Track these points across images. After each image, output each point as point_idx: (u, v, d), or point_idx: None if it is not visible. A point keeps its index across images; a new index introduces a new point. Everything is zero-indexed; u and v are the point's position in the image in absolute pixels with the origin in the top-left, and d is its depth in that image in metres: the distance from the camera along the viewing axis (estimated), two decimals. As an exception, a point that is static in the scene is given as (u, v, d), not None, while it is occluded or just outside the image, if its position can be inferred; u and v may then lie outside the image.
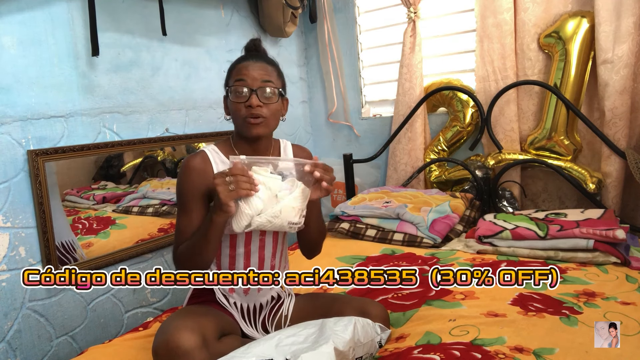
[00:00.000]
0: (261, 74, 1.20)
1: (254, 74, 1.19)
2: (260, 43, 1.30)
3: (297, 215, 1.13)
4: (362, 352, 1.12)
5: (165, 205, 2.13)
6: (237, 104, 1.19)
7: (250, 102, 1.17)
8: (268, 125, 1.22)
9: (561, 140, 2.16)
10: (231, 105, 1.21)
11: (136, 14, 2.00)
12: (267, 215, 1.09)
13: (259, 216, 1.09)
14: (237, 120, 1.22)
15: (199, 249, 1.14)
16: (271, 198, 1.10)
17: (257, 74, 1.19)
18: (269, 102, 1.20)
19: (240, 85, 1.19)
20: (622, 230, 1.62)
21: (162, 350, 1.02)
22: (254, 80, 1.18)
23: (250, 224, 1.09)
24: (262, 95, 1.19)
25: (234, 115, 1.22)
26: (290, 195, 1.11)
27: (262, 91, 1.19)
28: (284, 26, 2.56)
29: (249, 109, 1.18)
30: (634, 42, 1.92)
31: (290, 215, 1.12)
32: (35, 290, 1.68)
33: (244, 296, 1.28)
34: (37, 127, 1.68)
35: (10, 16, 1.61)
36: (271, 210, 1.09)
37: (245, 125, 1.20)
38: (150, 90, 2.06)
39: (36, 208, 1.67)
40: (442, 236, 1.98)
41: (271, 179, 1.10)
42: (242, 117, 1.19)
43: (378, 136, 2.80)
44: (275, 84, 1.22)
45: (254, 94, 1.18)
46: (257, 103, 1.18)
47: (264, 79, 1.19)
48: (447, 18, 2.51)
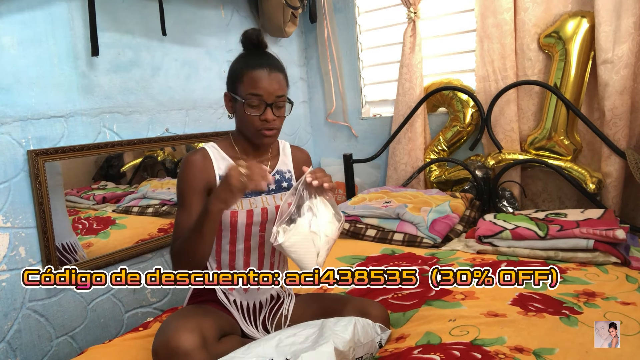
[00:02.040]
0: (276, 88, 1.20)
1: (269, 87, 1.19)
2: (261, 34, 1.25)
3: (335, 220, 1.17)
4: (362, 352, 1.12)
5: (166, 205, 2.13)
6: (252, 116, 1.20)
7: (265, 116, 1.19)
8: (278, 133, 1.25)
9: (561, 140, 2.16)
10: (244, 115, 1.21)
11: (136, 14, 2.00)
12: (323, 249, 1.13)
13: (319, 256, 1.12)
14: (248, 130, 1.23)
15: (193, 243, 1.13)
16: (314, 238, 1.12)
17: (272, 88, 1.19)
18: (281, 115, 1.23)
19: (255, 100, 1.19)
20: (622, 230, 1.62)
21: (162, 351, 1.02)
22: (269, 95, 1.19)
23: (318, 266, 1.13)
24: (277, 110, 1.21)
25: (245, 124, 1.23)
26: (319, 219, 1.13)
27: (277, 105, 1.21)
28: (284, 26, 2.56)
29: (263, 123, 1.20)
30: (634, 42, 1.92)
31: (334, 229, 1.15)
32: (35, 290, 1.68)
33: (243, 293, 1.29)
34: (37, 127, 1.68)
35: (10, 16, 1.61)
36: (321, 243, 1.12)
37: (258, 136, 1.22)
38: (150, 90, 2.06)
39: (36, 208, 1.67)
40: (442, 236, 1.98)
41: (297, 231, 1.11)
42: (255, 129, 1.21)
43: (378, 136, 2.80)
44: (286, 93, 1.24)
45: (269, 108, 1.19)
46: (272, 118, 1.20)
47: (278, 94, 1.20)
48: (447, 18, 2.51)
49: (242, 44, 1.26)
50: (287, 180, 1.33)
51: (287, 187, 1.32)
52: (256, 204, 1.24)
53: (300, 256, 1.10)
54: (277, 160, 1.33)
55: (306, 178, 1.13)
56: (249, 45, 1.26)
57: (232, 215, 1.22)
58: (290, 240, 1.09)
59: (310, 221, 1.12)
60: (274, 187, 1.29)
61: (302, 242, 1.10)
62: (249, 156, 1.28)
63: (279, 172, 1.32)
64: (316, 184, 1.12)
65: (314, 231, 1.11)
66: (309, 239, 1.11)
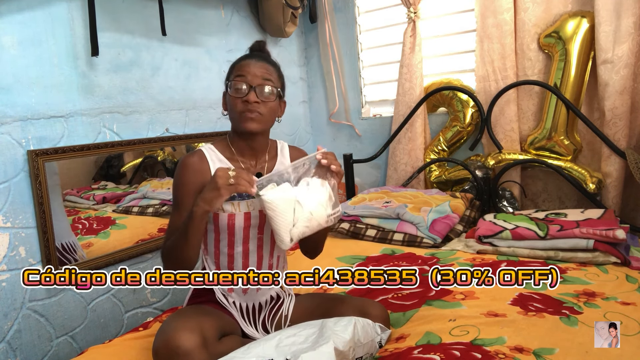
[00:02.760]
0: (262, 72, 1.21)
1: (254, 71, 1.20)
2: (265, 45, 1.31)
3: (329, 207, 1.15)
4: (362, 352, 1.12)
5: (165, 205, 2.13)
6: (235, 98, 1.20)
7: (247, 97, 1.19)
8: (263, 122, 1.22)
9: (561, 140, 2.16)
10: (229, 100, 1.22)
11: (136, 14, 2.00)
12: (301, 222, 1.11)
13: (295, 227, 1.11)
14: (233, 115, 1.23)
15: (179, 245, 1.14)
16: (296, 207, 1.11)
17: (258, 71, 1.20)
18: (266, 100, 1.21)
19: (240, 81, 1.20)
20: (622, 230, 1.62)
21: (163, 351, 1.02)
22: (254, 77, 1.20)
23: (291, 238, 1.11)
24: (261, 93, 1.20)
25: (230, 110, 1.23)
26: (311, 194, 1.12)
27: (261, 89, 1.20)
28: (284, 26, 2.56)
29: (245, 104, 1.19)
30: (634, 42, 1.92)
31: (321, 212, 1.13)
32: (35, 290, 1.68)
33: (242, 295, 1.29)
34: (37, 127, 1.68)
35: (10, 16, 1.61)
36: (302, 216, 1.11)
37: (240, 119, 1.21)
38: (150, 90, 2.06)
39: (36, 208, 1.67)
40: (442, 236, 1.98)
41: (283, 190, 1.11)
42: (238, 112, 1.20)
43: (378, 136, 2.80)
44: (275, 84, 1.23)
45: (252, 90, 1.19)
46: (254, 99, 1.19)
47: (264, 76, 1.21)
48: (447, 18, 2.51)
49: None
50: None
51: None
52: (254, 206, 1.24)
53: (276, 216, 1.09)
54: (275, 161, 1.32)
55: (316, 155, 1.13)
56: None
57: (230, 218, 1.21)
58: (270, 195, 1.09)
59: (300, 192, 1.11)
60: None
61: (282, 204, 1.09)
62: (245, 157, 1.28)
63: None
64: (325, 163, 1.13)
65: (299, 201, 1.10)
66: (290, 204, 1.10)
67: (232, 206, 1.22)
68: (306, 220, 1.11)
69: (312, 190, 1.12)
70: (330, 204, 1.15)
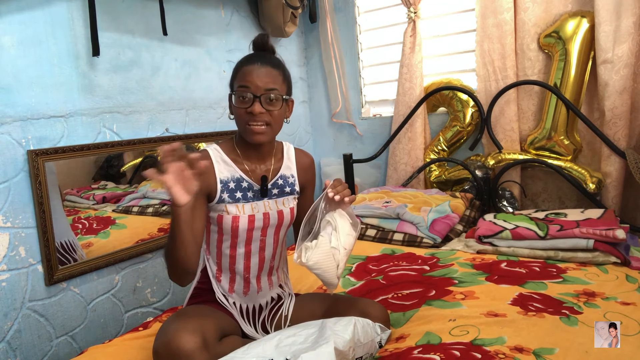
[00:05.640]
0: (265, 81, 1.17)
1: (257, 81, 1.16)
2: (269, 40, 1.26)
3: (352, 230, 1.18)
4: (362, 352, 1.12)
5: (166, 205, 2.13)
6: (240, 109, 1.18)
7: (252, 109, 1.16)
8: (269, 132, 1.20)
9: (561, 140, 2.16)
10: (234, 109, 1.20)
11: (136, 14, 2.00)
12: (342, 261, 1.14)
13: (338, 268, 1.13)
14: (239, 124, 1.21)
15: (169, 246, 1.11)
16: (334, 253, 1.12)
17: (261, 81, 1.16)
18: (272, 109, 1.18)
19: (244, 91, 1.17)
20: (622, 230, 1.62)
21: (163, 352, 1.02)
22: (257, 88, 1.16)
23: (338, 277, 1.15)
24: (266, 102, 1.17)
25: (237, 119, 1.21)
26: (339, 233, 1.14)
27: (266, 98, 1.17)
28: (284, 26, 2.56)
29: (250, 115, 1.17)
30: (634, 42, 1.92)
31: (351, 240, 1.16)
32: (35, 290, 1.68)
33: (243, 297, 1.28)
34: (37, 127, 1.68)
35: (10, 16, 1.61)
36: (341, 256, 1.13)
37: (247, 132, 1.19)
38: (150, 90, 2.06)
39: (36, 208, 1.66)
40: (442, 236, 1.98)
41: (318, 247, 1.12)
42: (244, 123, 1.18)
43: (378, 136, 2.80)
44: (280, 89, 1.19)
45: (257, 100, 1.16)
46: (259, 110, 1.16)
47: (268, 87, 1.17)
48: (447, 18, 2.51)
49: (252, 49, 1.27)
50: (290, 185, 1.30)
51: (289, 192, 1.30)
52: (258, 209, 1.24)
53: (323, 272, 1.12)
54: (281, 164, 1.31)
55: (327, 193, 1.14)
56: (256, 49, 1.27)
57: (234, 220, 1.21)
58: (313, 259, 1.11)
59: (330, 236, 1.13)
60: (276, 192, 1.28)
61: (325, 260, 1.12)
62: (251, 159, 1.26)
63: (282, 177, 1.29)
64: (338, 199, 1.13)
65: (334, 246, 1.12)
66: (330, 255, 1.12)
67: (237, 208, 1.21)
68: (344, 256, 1.14)
69: (338, 227, 1.14)
70: (353, 227, 1.18)
